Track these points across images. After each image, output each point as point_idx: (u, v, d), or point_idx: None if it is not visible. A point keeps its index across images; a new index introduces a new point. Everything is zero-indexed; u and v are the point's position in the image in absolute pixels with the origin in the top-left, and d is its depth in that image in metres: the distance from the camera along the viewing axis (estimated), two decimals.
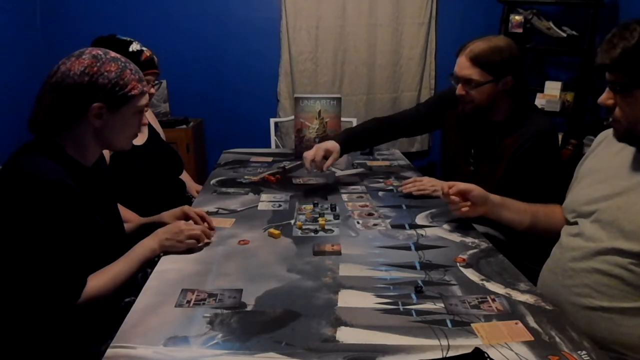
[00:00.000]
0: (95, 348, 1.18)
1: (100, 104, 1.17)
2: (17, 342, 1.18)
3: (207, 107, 3.68)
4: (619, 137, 1.20)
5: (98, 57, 1.18)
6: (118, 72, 1.19)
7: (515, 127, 1.70)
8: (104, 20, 3.44)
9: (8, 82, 3.02)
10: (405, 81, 3.69)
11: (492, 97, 1.70)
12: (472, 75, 1.67)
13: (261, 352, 0.93)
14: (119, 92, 1.19)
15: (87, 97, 1.16)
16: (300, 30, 3.57)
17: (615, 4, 3.22)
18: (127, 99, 1.21)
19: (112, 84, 1.18)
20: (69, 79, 1.15)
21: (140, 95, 1.24)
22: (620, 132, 1.18)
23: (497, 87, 1.69)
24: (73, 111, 1.17)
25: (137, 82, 1.23)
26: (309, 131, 2.35)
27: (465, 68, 1.69)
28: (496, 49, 1.65)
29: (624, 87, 1.11)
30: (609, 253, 1.16)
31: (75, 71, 1.15)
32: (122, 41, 1.75)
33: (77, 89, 1.15)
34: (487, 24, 3.37)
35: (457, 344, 0.96)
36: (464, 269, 1.26)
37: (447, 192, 1.47)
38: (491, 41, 1.68)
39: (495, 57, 1.65)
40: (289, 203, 1.74)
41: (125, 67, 1.21)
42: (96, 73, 1.16)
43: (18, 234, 1.10)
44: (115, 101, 1.19)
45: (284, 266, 1.27)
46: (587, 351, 0.93)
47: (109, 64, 1.19)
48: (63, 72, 1.16)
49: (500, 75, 1.67)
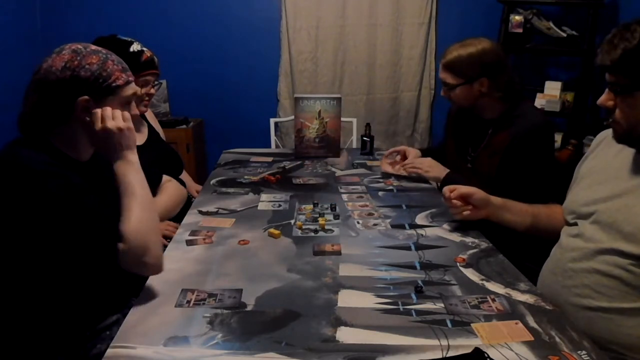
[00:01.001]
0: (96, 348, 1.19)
1: (86, 97, 1.16)
2: (17, 342, 1.19)
3: (207, 107, 3.68)
4: (618, 139, 1.19)
5: (78, 51, 1.17)
6: (100, 64, 1.18)
7: (508, 124, 1.76)
8: (104, 20, 3.44)
9: (8, 81, 3.02)
10: (405, 81, 3.69)
11: (471, 97, 1.80)
12: (446, 79, 1.80)
13: (261, 352, 0.93)
14: (103, 83, 1.18)
15: (71, 91, 1.15)
16: (300, 30, 3.56)
17: (615, 4, 3.22)
18: (112, 90, 1.19)
19: (95, 76, 1.16)
20: (51, 75, 1.15)
21: (125, 85, 1.22)
22: (620, 134, 1.18)
23: (471, 88, 1.77)
24: (59, 107, 1.16)
25: (121, 72, 1.21)
26: (309, 131, 2.35)
27: (442, 72, 1.83)
28: (467, 54, 1.76)
29: (625, 88, 1.10)
30: (608, 254, 1.16)
31: (57, 67, 1.15)
32: (123, 41, 1.75)
33: (60, 84, 1.15)
34: (487, 24, 3.37)
35: (457, 344, 0.96)
36: (464, 268, 1.26)
37: (449, 196, 1.47)
38: (464, 46, 1.78)
39: (464, 62, 1.76)
40: (289, 203, 1.74)
41: (107, 58, 1.20)
42: (77, 66, 1.15)
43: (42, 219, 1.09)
44: (100, 93, 1.18)
45: (284, 266, 1.27)
46: (587, 351, 0.93)
47: (90, 56, 1.18)
48: (45, 69, 1.16)
49: (473, 78, 1.75)
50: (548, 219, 1.46)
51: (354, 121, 2.98)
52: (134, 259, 1.11)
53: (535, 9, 3.26)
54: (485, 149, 1.82)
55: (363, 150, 2.46)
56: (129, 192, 1.16)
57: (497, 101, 1.79)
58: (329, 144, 2.37)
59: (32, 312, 1.18)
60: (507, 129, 1.75)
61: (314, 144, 2.37)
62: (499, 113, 1.80)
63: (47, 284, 1.17)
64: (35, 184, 1.08)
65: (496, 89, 1.77)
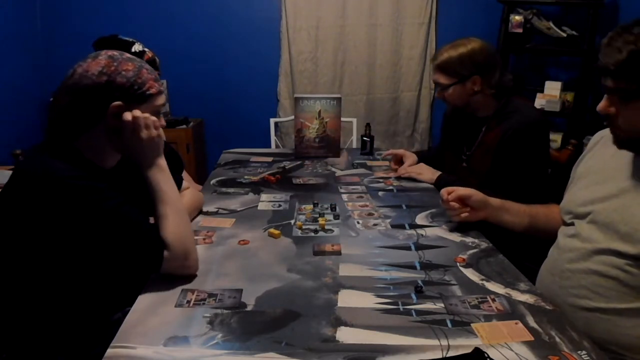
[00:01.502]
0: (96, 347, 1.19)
1: (119, 103, 1.17)
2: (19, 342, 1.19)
3: (207, 107, 3.68)
4: (619, 145, 1.16)
5: (114, 57, 1.18)
6: (135, 71, 1.19)
7: (501, 120, 1.79)
8: (104, 20, 3.44)
9: (8, 81, 3.02)
10: (405, 81, 3.69)
11: (464, 96, 1.83)
12: (440, 80, 1.85)
13: (261, 352, 0.93)
14: (137, 90, 1.19)
15: (105, 96, 1.16)
16: (300, 30, 3.57)
17: (615, 4, 3.22)
18: (145, 98, 1.21)
19: (131, 82, 1.17)
20: (86, 79, 1.15)
21: (157, 95, 1.23)
22: (622, 140, 1.14)
23: (464, 87, 1.81)
24: (92, 112, 1.17)
25: (154, 81, 1.23)
26: (309, 131, 2.35)
27: (434, 74, 1.88)
28: (458, 54, 1.80)
29: (630, 93, 1.05)
30: (605, 254, 1.16)
31: (93, 72, 1.15)
32: (125, 42, 1.76)
33: (95, 89, 1.15)
34: (487, 24, 3.37)
35: (457, 344, 0.96)
36: (464, 269, 1.26)
37: (447, 198, 1.47)
38: (455, 47, 1.82)
39: (456, 62, 1.79)
40: (289, 203, 1.74)
41: (142, 66, 1.22)
42: (114, 72, 1.16)
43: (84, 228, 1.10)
44: (133, 100, 1.19)
45: (284, 266, 1.27)
46: (587, 351, 0.93)
47: (126, 63, 1.19)
48: (80, 74, 1.15)
49: (465, 77, 1.79)
50: (546, 219, 1.46)
51: (354, 121, 2.98)
52: (177, 263, 1.17)
53: (535, 9, 3.26)
54: (480, 147, 1.85)
55: (363, 150, 2.46)
56: (164, 199, 1.21)
57: (490, 98, 1.83)
58: (329, 144, 2.37)
59: (46, 314, 1.18)
60: (500, 125, 1.78)
61: (314, 144, 2.37)
62: (492, 110, 1.83)
63: (63, 286, 1.17)
64: (69, 197, 1.09)
65: (489, 87, 1.80)
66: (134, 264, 1.16)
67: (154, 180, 1.23)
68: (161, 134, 1.26)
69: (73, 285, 1.18)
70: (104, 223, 1.11)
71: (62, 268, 1.16)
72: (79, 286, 1.19)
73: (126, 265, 1.17)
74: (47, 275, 1.16)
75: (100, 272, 1.20)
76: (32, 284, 1.16)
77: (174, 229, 1.18)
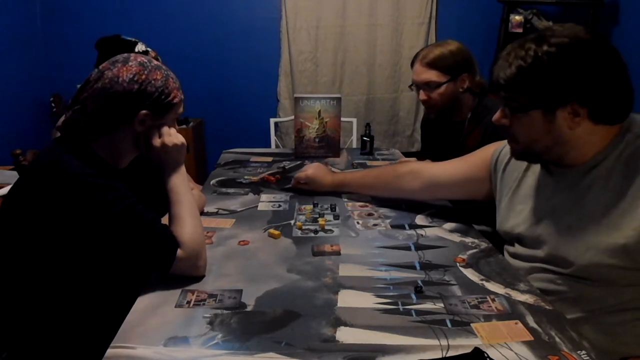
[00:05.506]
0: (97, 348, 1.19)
1: (147, 112, 1.19)
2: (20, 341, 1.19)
3: (207, 107, 3.69)
4: (516, 156, 1.21)
5: (145, 65, 1.19)
6: (163, 81, 1.20)
7: (478, 121, 1.82)
8: (104, 20, 3.44)
9: (8, 81, 3.02)
10: (405, 81, 3.69)
11: (452, 96, 1.84)
12: (431, 78, 1.83)
13: (261, 352, 0.93)
14: (165, 100, 1.21)
15: (135, 104, 1.17)
16: (300, 30, 3.57)
17: (615, 4, 3.22)
18: (170, 107, 1.23)
19: (159, 92, 1.19)
20: (117, 85, 1.15)
21: (180, 104, 1.26)
22: (517, 151, 1.19)
23: (455, 85, 1.83)
24: (118, 117, 1.18)
25: (178, 90, 1.25)
26: (309, 131, 2.35)
27: (423, 73, 1.85)
28: (448, 51, 1.81)
29: (520, 107, 1.08)
30: (540, 271, 1.20)
31: (124, 78, 1.16)
32: (127, 42, 1.75)
33: (126, 96, 1.16)
34: (487, 24, 3.38)
35: (456, 343, 0.96)
36: (463, 269, 1.26)
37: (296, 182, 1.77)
38: (442, 45, 1.84)
39: (449, 58, 1.81)
40: (289, 203, 1.74)
41: (168, 75, 1.23)
42: (145, 81, 1.17)
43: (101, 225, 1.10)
44: (160, 109, 1.21)
45: (284, 266, 1.27)
46: (587, 351, 0.93)
47: (155, 72, 1.20)
48: (111, 79, 1.16)
49: (457, 74, 1.81)
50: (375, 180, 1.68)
51: (354, 121, 2.98)
52: (189, 263, 1.18)
53: (535, 9, 3.26)
54: (462, 151, 1.80)
55: (363, 150, 2.46)
56: (180, 201, 1.24)
57: (471, 98, 1.86)
58: (329, 144, 2.37)
59: (51, 313, 1.18)
60: (478, 127, 1.80)
61: (314, 144, 2.37)
62: (468, 112, 1.86)
63: (71, 284, 1.17)
64: (85, 194, 1.09)
65: (474, 85, 1.83)
66: (147, 261, 1.16)
67: (173, 183, 1.25)
68: (184, 142, 1.29)
69: (81, 283, 1.18)
70: (119, 221, 1.11)
71: (71, 265, 1.16)
72: (88, 284, 1.19)
73: (138, 262, 1.17)
74: (54, 273, 1.16)
75: (110, 270, 1.20)
76: (38, 281, 1.16)
77: (189, 229, 1.19)
